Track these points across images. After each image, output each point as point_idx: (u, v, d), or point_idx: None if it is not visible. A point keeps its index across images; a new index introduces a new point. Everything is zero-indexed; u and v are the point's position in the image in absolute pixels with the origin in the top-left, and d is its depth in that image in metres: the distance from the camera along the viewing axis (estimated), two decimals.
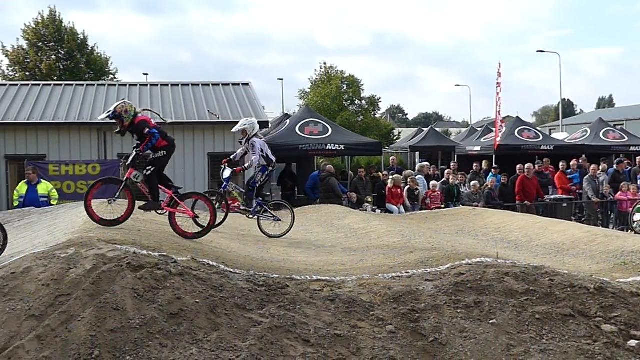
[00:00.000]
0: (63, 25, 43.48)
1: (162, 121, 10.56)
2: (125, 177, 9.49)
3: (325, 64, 52.44)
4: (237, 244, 10.33)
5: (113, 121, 9.65)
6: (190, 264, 7.62)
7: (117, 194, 9.39)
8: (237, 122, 20.22)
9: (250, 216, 12.19)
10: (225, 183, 12.04)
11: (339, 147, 21.49)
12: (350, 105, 50.38)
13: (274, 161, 12.47)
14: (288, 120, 24.56)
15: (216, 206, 10.81)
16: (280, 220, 12.07)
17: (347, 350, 6.77)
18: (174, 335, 6.60)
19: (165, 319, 6.72)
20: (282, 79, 61.88)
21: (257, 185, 12.15)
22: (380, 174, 22.03)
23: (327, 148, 21.43)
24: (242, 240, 10.92)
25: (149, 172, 9.41)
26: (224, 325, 6.81)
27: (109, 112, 9.61)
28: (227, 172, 12.09)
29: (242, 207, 12.12)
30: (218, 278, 7.43)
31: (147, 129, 9.45)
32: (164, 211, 9.66)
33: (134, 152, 9.50)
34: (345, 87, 49.64)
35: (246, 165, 12.36)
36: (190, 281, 7.23)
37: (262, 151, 12.19)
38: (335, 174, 20.05)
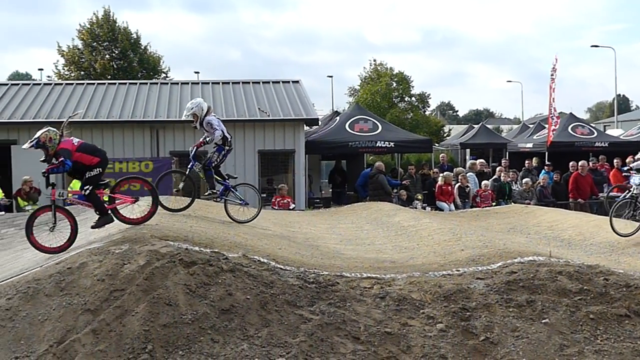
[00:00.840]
0: (117, 25, 44.22)
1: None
2: (51, 200, 9.14)
3: (374, 61, 52.30)
4: (286, 242, 10.37)
5: (38, 150, 9.23)
6: (241, 260, 7.68)
7: (53, 219, 8.93)
8: (287, 120, 20.52)
9: (218, 200, 11.74)
10: (192, 162, 11.44)
11: (389, 144, 21.44)
12: (400, 102, 50.15)
13: (230, 139, 11.60)
14: (338, 118, 24.56)
15: (180, 187, 11.07)
16: (247, 204, 11.61)
17: (397, 348, 6.76)
18: (225, 331, 6.68)
19: (216, 315, 6.80)
20: (331, 76, 62.08)
21: (213, 164, 11.39)
22: (430, 171, 21.90)
23: (377, 145, 21.40)
24: (292, 238, 10.96)
25: (88, 191, 9.20)
26: (274, 321, 6.87)
27: (32, 141, 9.32)
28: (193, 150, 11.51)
29: (207, 193, 11.60)
30: (269, 275, 7.48)
31: (61, 158, 9.27)
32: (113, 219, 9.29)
33: (45, 176, 9.32)
34: (394, 84, 49.41)
35: (207, 139, 11.37)
36: (241, 277, 7.29)
37: (219, 126, 11.40)
38: (384, 171, 19.98)
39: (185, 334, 6.57)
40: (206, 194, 11.60)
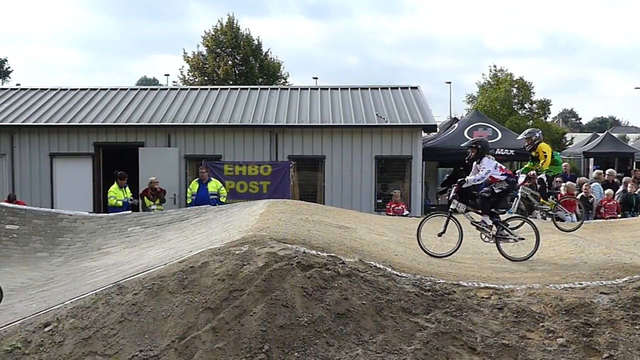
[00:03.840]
0: (240, 31, 45.37)
1: None
2: None
3: (494, 66, 51.27)
4: (402, 248, 10.32)
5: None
6: (357, 265, 7.70)
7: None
8: (405, 126, 20.43)
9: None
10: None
11: (509, 152, 20.98)
12: (520, 109, 48.89)
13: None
14: (456, 124, 24.27)
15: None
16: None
17: None
18: (340, 335, 6.71)
19: (332, 319, 6.85)
20: (449, 82, 61.15)
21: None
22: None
23: (497, 153, 20.95)
24: (408, 244, 10.89)
25: None
26: (389, 327, 6.84)
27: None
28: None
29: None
30: (385, 281, 7.46)
31: None
32: None
33: None
34: (514, 91, 48.23)
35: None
36: (357, 282, 7.31)
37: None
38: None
39: (301, 336, 6.65)
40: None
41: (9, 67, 58.87)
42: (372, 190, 20.47)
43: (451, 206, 10.45)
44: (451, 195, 10.43)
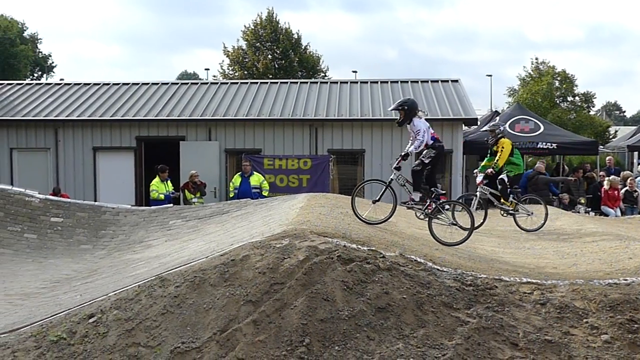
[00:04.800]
0: (279, 25, 45.50)
1: None
2: None
3: (536, 59, 50.56)
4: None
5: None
6: (398, 259, 7.68)
7: None
8: (445, 119, 20.29)
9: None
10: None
11: (551, 145, 20.70)
12: (562, 102, 48.19)
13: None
14: (498, 118, 23.98)
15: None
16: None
17: (557, 358, 6.51)
18: (380, 329, 6.70)
19: (372, 313, 6.83)
20: (490, 75, 60.29)
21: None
22: (594, 174, 20.94)
23: (538, 147, 20.72)
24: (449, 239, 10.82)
25: None
26: (430, 322, 6.81)
27: None
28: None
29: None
30: (425, 275, 7.43)
31: None
32: None
33: None
34: (557, 84, 47.54)
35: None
36: (398, 277, 7.29)
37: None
38: (544, 172, 19.28)
39: (342, 329, 6.66)
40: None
41: (53, 63, 59.85)
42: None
43: (391, 176, 10.20)
44: (394, 166, 10.09)
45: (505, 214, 12.88)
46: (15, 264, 12.48)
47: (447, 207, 10.42)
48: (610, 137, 47.79)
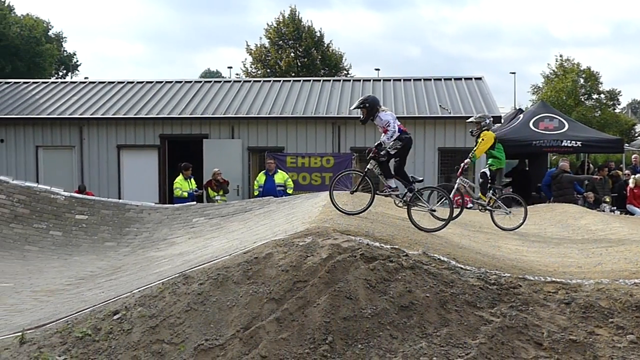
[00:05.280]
0: (302, 23, 45.55)
1: None
2: None
3: (560, 56, 50.16)
4: (467, 241, 10.22)
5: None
6: (421, 258, 7.66)
7: None
8: (469, 117, 20.18)
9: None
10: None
11: (576, 143, 20.53)
12: (587, 99, 47.81)
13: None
14: (521, 115, 23.85)
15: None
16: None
17: (582, 358, 6.45)
18: (404, 328, 6.68)
19: (395, 311, 6.82)
20: (514, 73, 60.04)
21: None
22: (619, 172, 20.73)
23: (563, 145, 20.55)
24: (472, 237, 10.79)
25: None
26: (453, 321, 6.78)
27: None
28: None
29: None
30: (449, 274, 7.40)
31: None
32: None
33: None
34: (581, 81, 47.16)
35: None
36: (421, 275, 7.26)
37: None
38: (569, 170, 19.11)
39: (365, 328, 6.65)
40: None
41: (77, 61, 60.32)
42: (435, 182, 20.35)
43: (368, 166, 10.29)
44: (369, 155, 10.19)
45: (482, 210, 12.71)
46: (40, 260, 12.62)
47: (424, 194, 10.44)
48: (636, 135, 47.37)
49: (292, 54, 45.34)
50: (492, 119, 12.28)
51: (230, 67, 55.44)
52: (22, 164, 21.94)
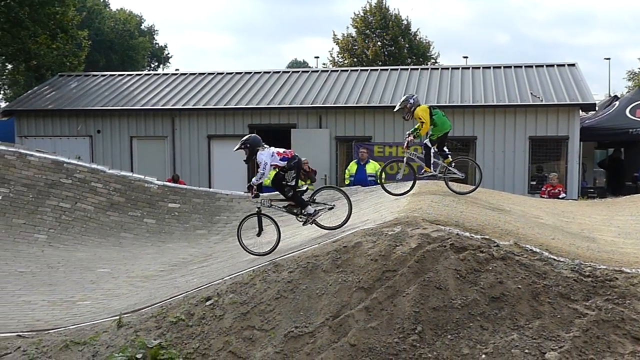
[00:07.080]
0: (388, 12, 45.27)
1: None
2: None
3: None
4: (560, 232, 9.97)
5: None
6: (512, 248, 7.52)
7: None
8: (561, 105, 19.67)
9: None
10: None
11: None
12: None
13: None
14: (617, 103, 23.03)
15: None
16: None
17: None
18: (494, 319, 6.60)
19: (486, 302, 6.74)
20: (608, 59, 58.04)
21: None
22: None
23: None
24: (565, 228, 10.51)
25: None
26: (546, 313, 6.65)
27: None
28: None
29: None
30: (541, 265, 7.24)
31: None
32: None
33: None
34: None
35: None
36: (513, 266, 7.14)
37: None
38: None
39: (455, 318, 6.60)
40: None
41: (168, 53, 61.73)
42: (525, 171, 19.92)
43: (256, 205, 10.43)
44: (252, 197, 10.41)
45: (434, 179, 12.24)
46: (135, 247, 13.03)
47: (316, 197, 10.40)
48: None
49: (379, 43, 45.07)
50: (416, 96, 11.84)
51: (317, 57, 55.81)
52: (118, 154, 22.65)
